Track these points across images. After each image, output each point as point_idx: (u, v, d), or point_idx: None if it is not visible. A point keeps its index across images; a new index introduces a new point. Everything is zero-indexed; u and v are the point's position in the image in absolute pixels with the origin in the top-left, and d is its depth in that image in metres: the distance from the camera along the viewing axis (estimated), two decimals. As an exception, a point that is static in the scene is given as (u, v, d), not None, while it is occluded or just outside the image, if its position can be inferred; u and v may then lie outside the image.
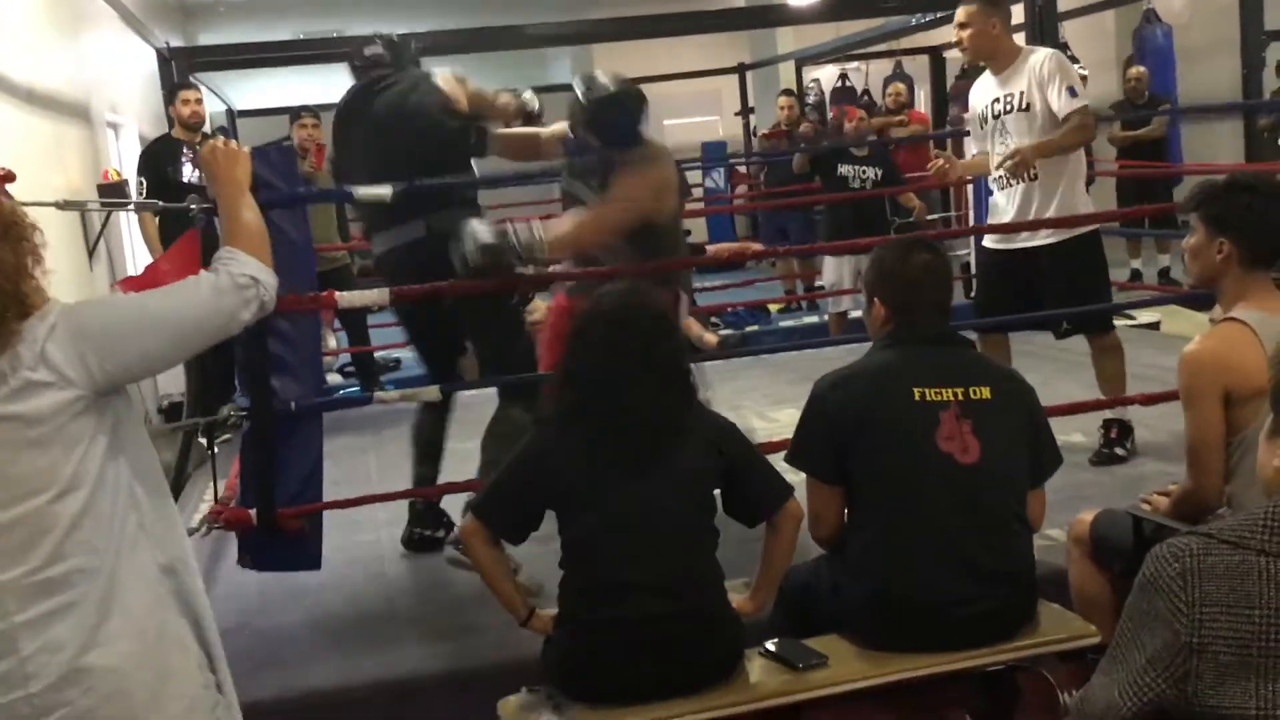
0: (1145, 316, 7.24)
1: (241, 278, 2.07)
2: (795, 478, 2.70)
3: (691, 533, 2.48)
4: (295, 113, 7.40)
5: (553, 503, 2.50)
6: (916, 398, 2.56)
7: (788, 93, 10.15)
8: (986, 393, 2.58)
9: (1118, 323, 7.40)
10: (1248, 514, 1.53)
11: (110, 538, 1.88)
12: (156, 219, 6.31)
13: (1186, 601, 1.47)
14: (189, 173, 6.30)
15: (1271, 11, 9.32)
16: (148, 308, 2.02)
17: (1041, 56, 4.41)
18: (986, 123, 4.50)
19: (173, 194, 5.80)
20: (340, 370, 7.76)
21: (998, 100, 4.45)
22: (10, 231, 1.86)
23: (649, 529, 2.43)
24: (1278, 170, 7.65)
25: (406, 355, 8.04)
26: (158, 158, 6.51)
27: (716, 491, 2.56)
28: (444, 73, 4.05)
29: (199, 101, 6.68)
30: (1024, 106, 4.36)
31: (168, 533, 2.02)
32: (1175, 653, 1.48)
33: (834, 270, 7.52)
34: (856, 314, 7.14)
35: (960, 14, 4.45)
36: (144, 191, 6.31)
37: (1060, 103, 4.26)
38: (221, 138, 2.44)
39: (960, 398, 2.56)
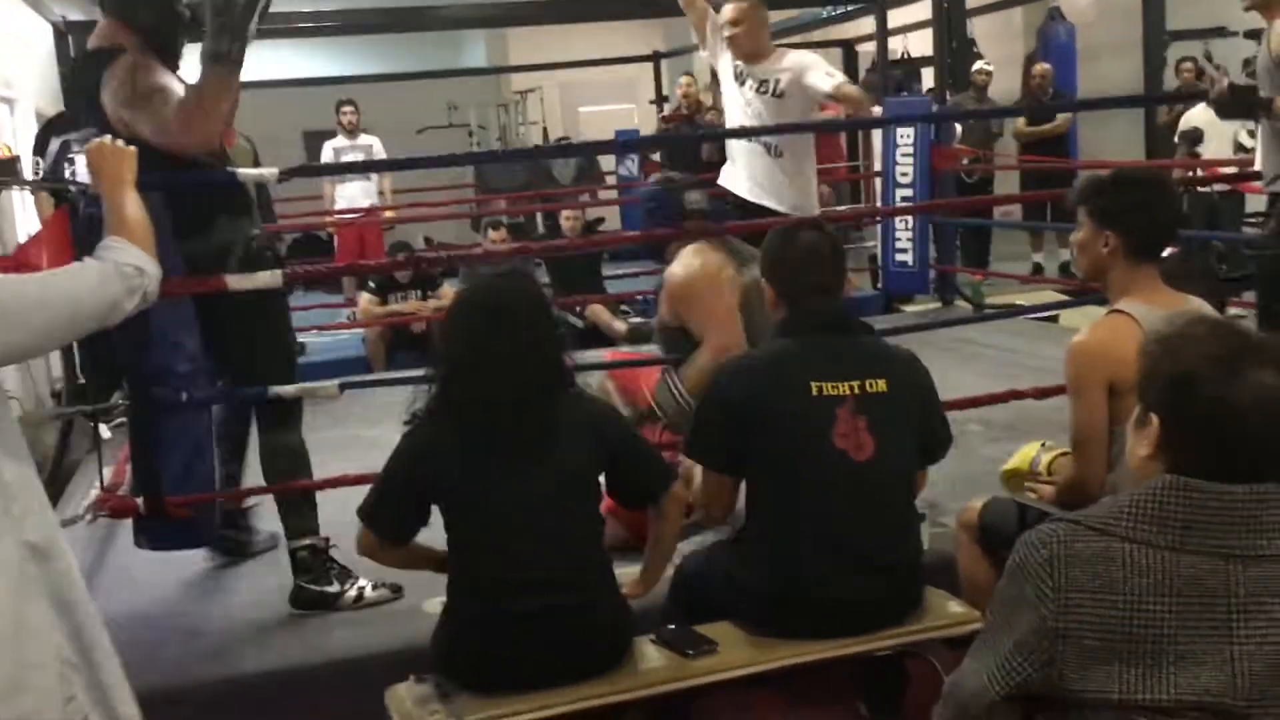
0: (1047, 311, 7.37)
1: (127, 267, 2.06)
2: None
3: (578, 524, 2.45)
4: None
5: (435, 499, 2.46)
6: (814, 393, 2.55)
7: (689, 74, 10.12)
8: (882, 385, 2.59)
9: (1020, 317, 7.57)
10: (1113, 500, 1.56)
11: None
12: (53, 200, 6.10)
13: (1053, 587, 1.50)
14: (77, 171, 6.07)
15: (1173, 12, 9.57)
16: (32, 291, 1.97)
17: (798, 54, 4.82)
18: (738, 85, 4.74)
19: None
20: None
21: (750, 78, 4.70)
22: None
23: (533, 524, 2.39)
24: (1172, 166, 7.86)
25: (313, 340, 7.94)
26: (59, 134, 6.30)
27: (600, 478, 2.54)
28: (119, 65, 3.11)
29: None
30: (778, 94, 4.67)
31: (38, 515, 1.96)
32: (1041, 637, 1.50)
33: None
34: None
35: (733, 11, 4.66)
36: (39, 172, 6.11)
37: (823, 83, 4.60)
38: (109, 137, 2.42)
39: (857, 391, 2.56)
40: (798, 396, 2.55)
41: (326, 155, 9.50)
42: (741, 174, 4.83)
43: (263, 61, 12.81)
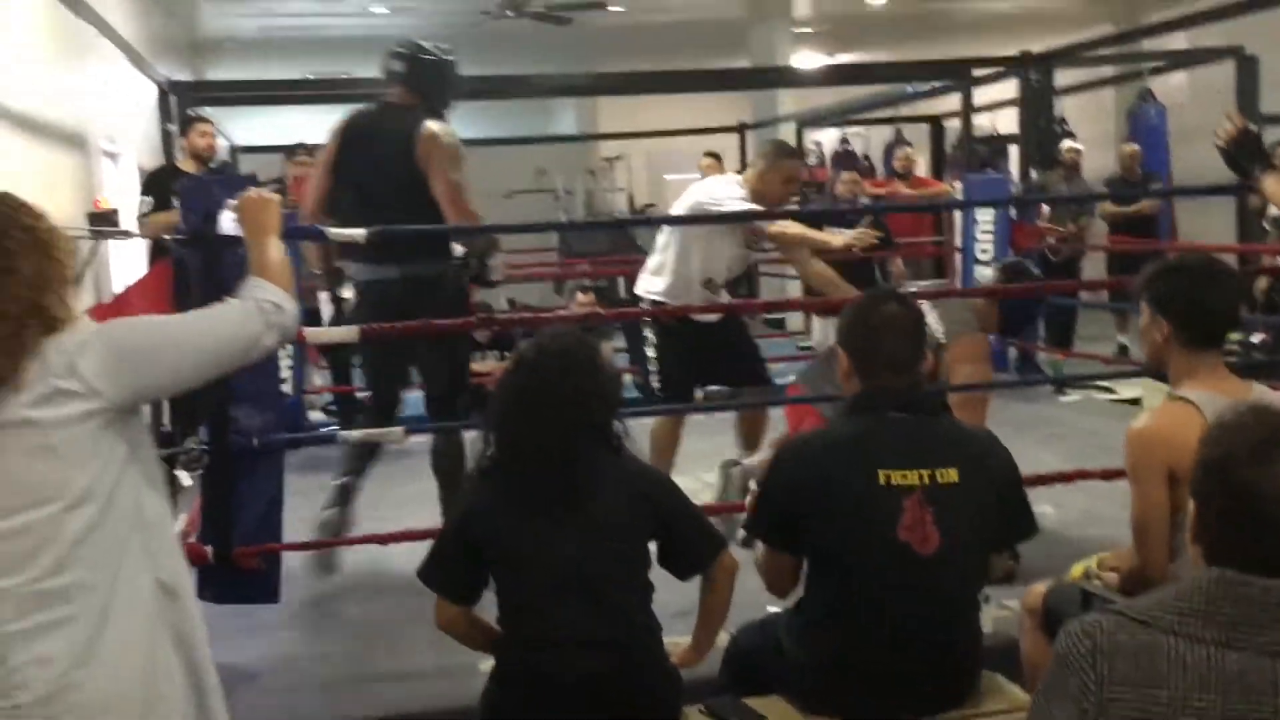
0: (1127, 391, 7.26)
1: (266, 304, 2.14)
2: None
3: (621, 587, 2.43)
4: (291, 149, 7.42)
5: (489, 559, 2.46)
6: (882, 481, 2.46)
7: (712, 154, 10.07)
8: (954, 475, 2.49)
9: (1100, 396, 7.47)
10: (1160, 593, 1.53)
11: (114, 556, 1.90)
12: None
13: (1095, 680, 1.47)
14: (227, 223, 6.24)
15: (1266, 95, 9.42)
16: (179, 327, 2.08)
17: None
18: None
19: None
20: (324, 408, 7.76)
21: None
22: (41, 246, 1.93)
23: (574, 585, 2.37)
24: (1267, 252, 7.71)
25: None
26: (163, 182, 6.50)
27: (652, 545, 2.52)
28: (435, 127, 4.14)
29: (214, 135, 6.73)
30: None
31: (171, 555, 2.05)
32: (1082, 729, 1.47)
33: (821, 331, 7.55)
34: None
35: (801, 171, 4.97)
36: (149, 210, 6.29)
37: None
38: (254, 189, 2.55)
39: (926, 481, 2.47)
40: (865, 484, 2.47)
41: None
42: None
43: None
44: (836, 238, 4.89)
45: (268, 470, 3.48)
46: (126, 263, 6.93)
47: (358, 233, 3.57)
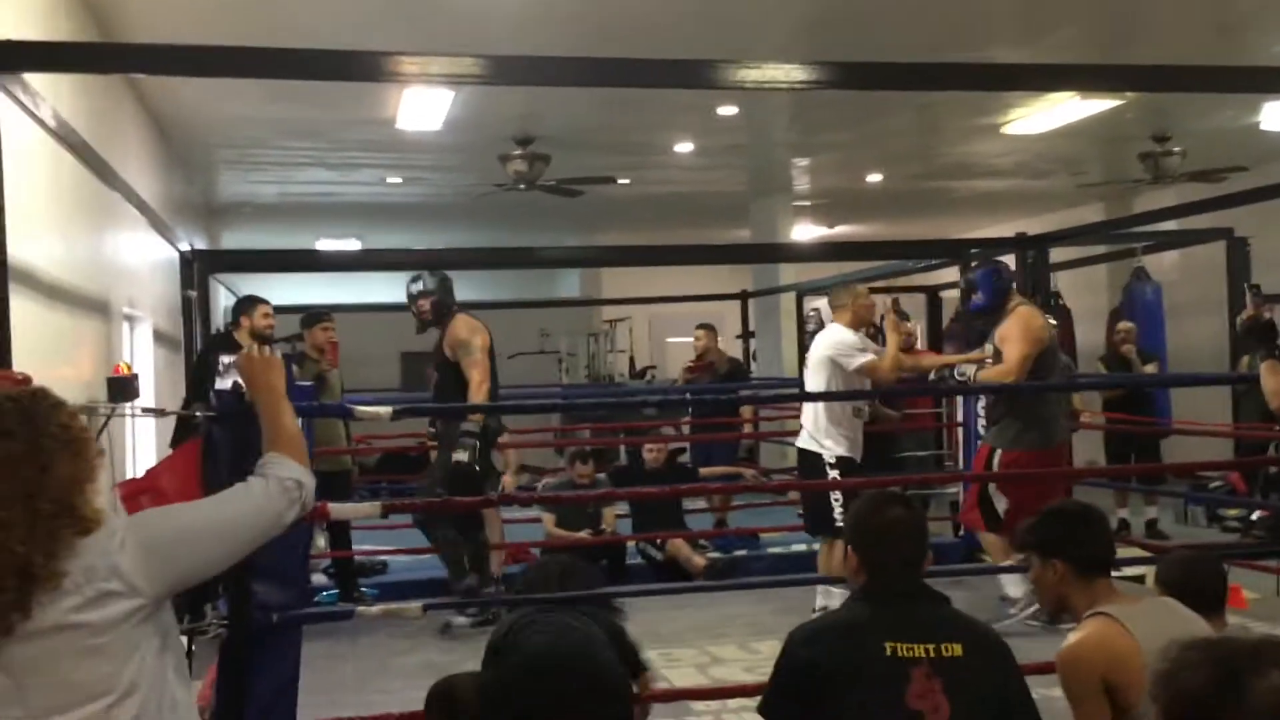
0: (1129, 569, 7.24)
1: (288, 481, 2.20)
2: None
3: None
4: (316, 315, 7.59)
5: None
6: (888, 653, 2.57)
7: (704, 326, 10.47)
8: (958, 650, 2.59)
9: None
10: None
11: None
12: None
13: None
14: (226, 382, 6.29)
15: (1258, 274, 9.67)
16: (208, 515, 2.13)
17: None
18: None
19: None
20: (325, 571, 7.72)
21: None
22: (73, 445, 1.98)
23: None
24: (1262, 434, 7.80)
25: (394, 560, 8.03)
26: (218, 349, 6.56)
27: None
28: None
29: (273, 315, 6.94)
30: None
31: None
32: None
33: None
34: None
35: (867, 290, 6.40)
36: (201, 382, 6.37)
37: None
38: (257, 345, 2.55)
39: (932, 654, 2.57)
40: (871, 657, 2.57)
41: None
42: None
43: (370, 288, 13.36)
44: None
45: (286, 648, 3.49)
46: (145, 433, 7.00)
47: (384, 410, 3.68)
